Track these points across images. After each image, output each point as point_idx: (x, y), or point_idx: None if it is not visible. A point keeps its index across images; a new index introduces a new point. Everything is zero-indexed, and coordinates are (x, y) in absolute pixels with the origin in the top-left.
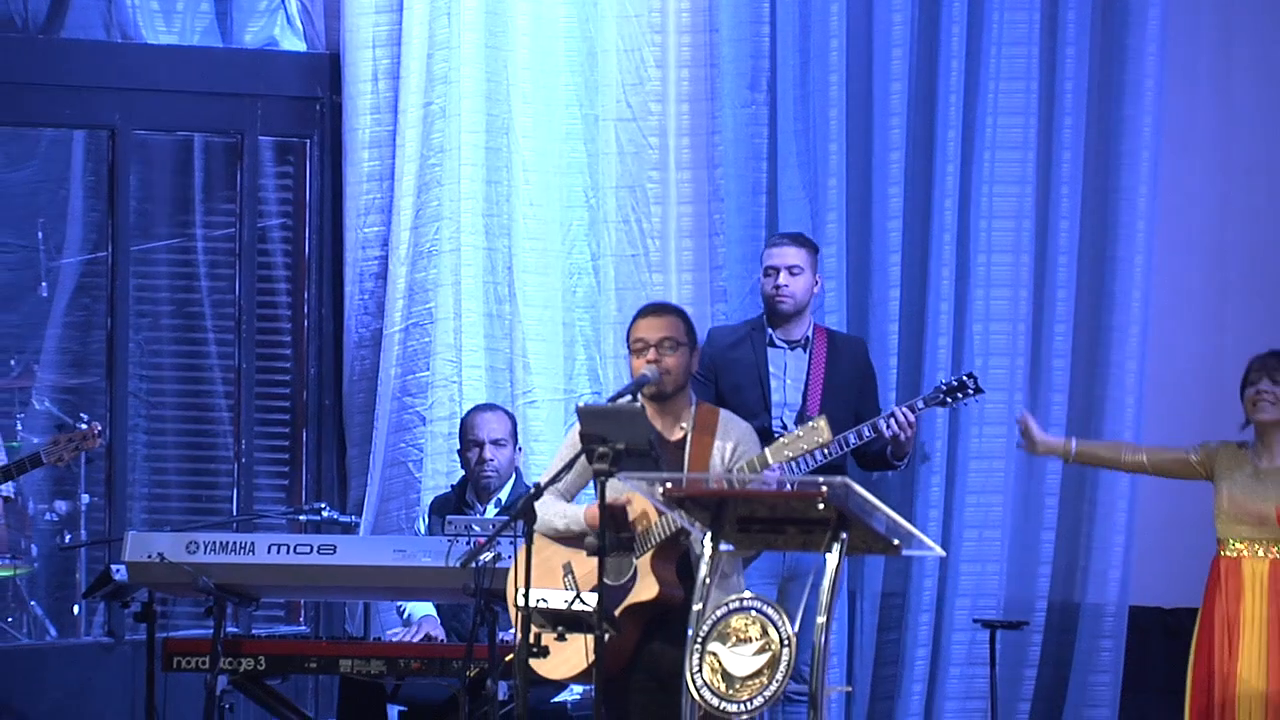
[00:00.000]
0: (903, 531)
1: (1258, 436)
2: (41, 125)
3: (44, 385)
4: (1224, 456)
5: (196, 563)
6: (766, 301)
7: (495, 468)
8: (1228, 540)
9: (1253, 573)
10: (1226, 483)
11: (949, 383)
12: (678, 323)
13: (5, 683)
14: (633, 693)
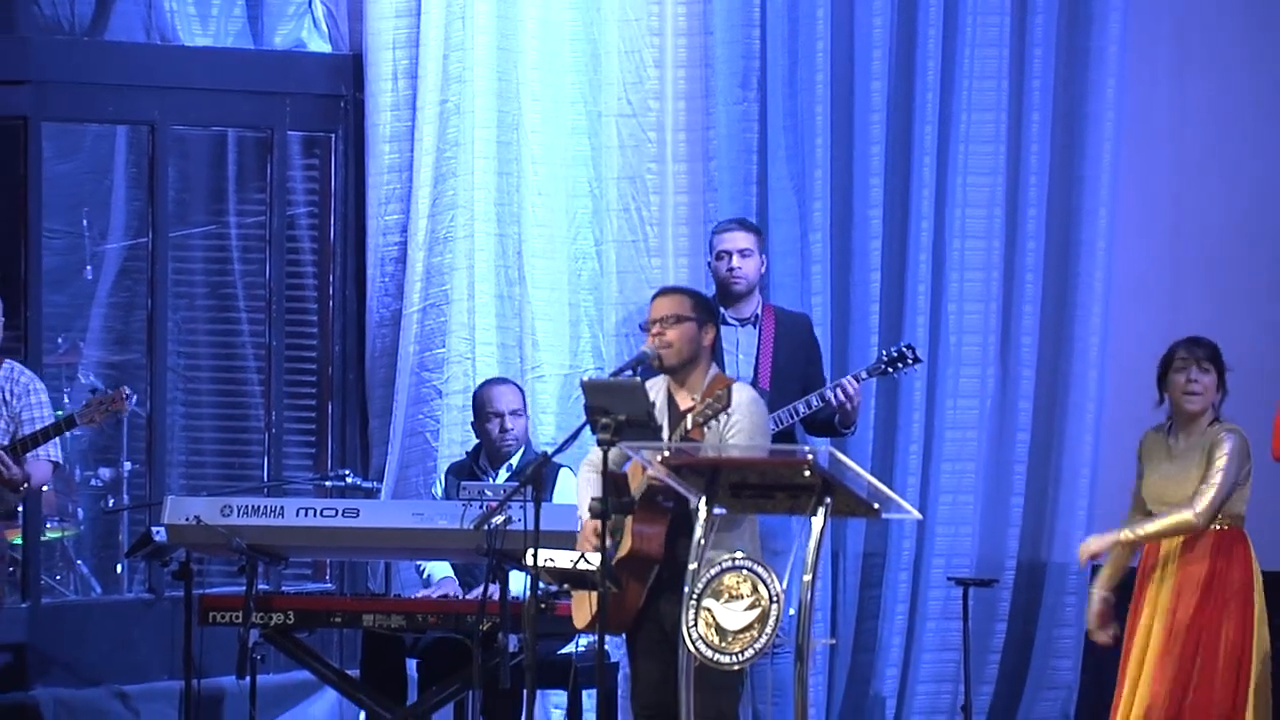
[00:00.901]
0: (882, 496)
1: (1175, 418)
2: (86, 121)
3: (89, 361)
4: (1148, 448)
5: (230, 525)
6: (721, 283)
7: (515, 436)
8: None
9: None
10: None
11: (889, 353)
12: (684, 301)
13: (54, 636)
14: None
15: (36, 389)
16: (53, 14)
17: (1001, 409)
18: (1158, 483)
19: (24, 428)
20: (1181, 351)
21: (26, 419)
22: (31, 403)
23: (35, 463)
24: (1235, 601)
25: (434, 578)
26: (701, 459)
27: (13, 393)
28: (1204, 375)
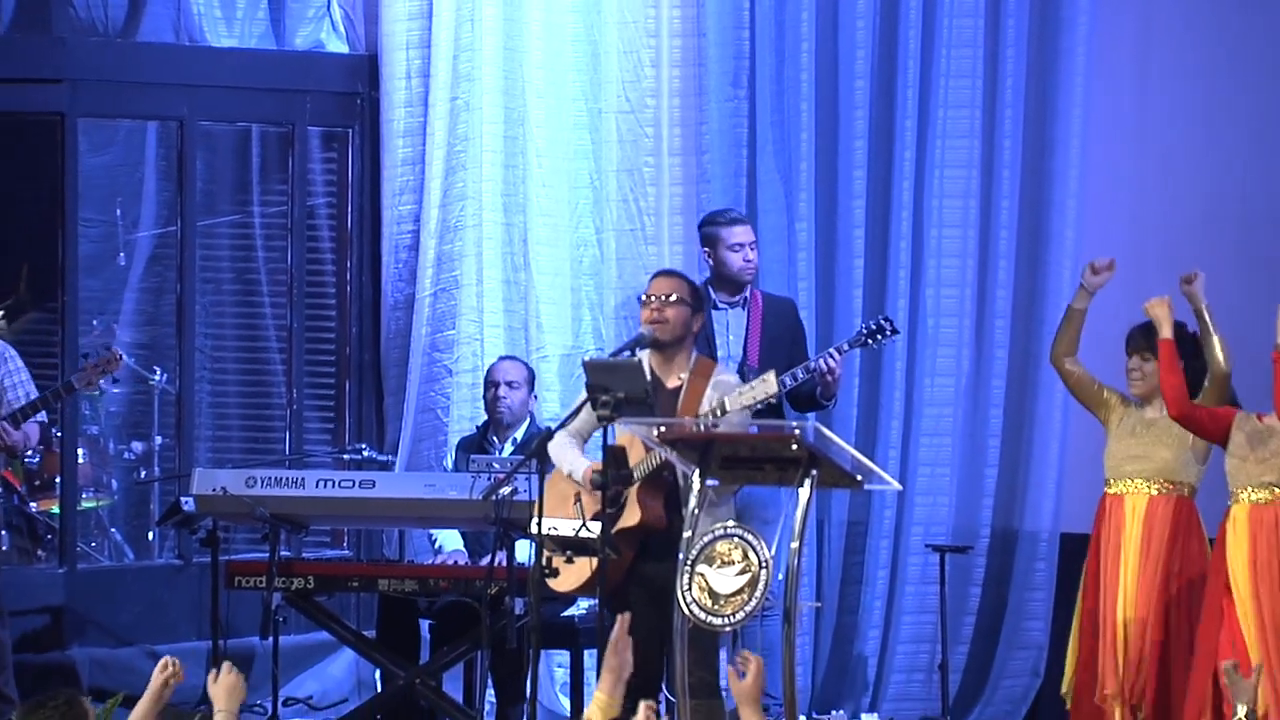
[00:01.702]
0: (865, 468)
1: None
2: (119, 117)
3: (122, 342)
4: (1116, 411)
5: (254, 495)
6: (734, 274)
7: (508, 405)
8: (1111, 480)
9: (1133, 508)
10: (1113, 435)
11: (869, 325)
12: (682, 285)
13: (89, 599)
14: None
15: (12, 355)
16: (87, 16)
17: (976, 387)
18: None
19: (7, 394)
20: (1131, 343)
21: (9, 385)
22: (10, 369)
23: (27, 425)
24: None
25: (444, 547)
26: (695, 434)
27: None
28: (1145, 363)
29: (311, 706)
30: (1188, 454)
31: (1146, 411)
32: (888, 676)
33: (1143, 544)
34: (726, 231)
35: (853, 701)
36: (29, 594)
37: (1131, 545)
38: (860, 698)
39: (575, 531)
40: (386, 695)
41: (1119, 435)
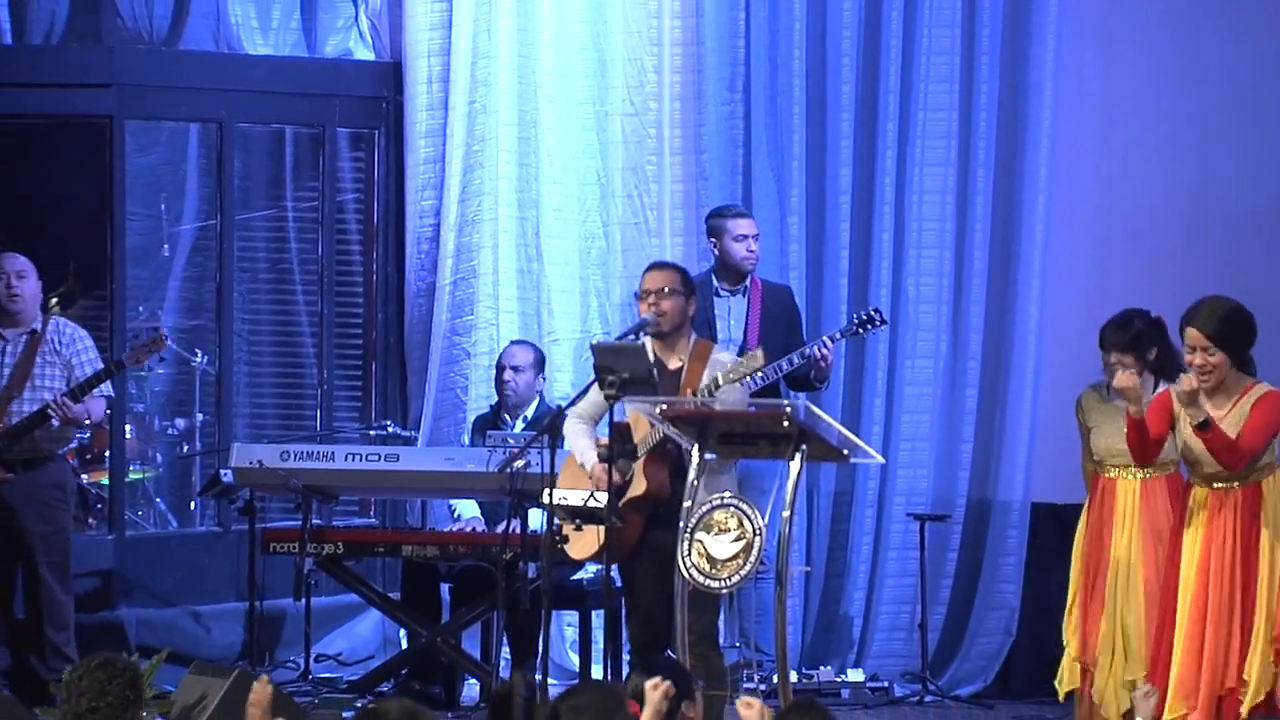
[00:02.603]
0: (851, 443)
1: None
2: (163, 119)
3: (166, 326)
4: (1089, 406)
5: (288, 468)
6: (737, 263)
7: (513, 388)
8: (1105, 463)
9: (1126, 489)
10: (1095, 429)
11: (859, 316)
12: (675, 276)
13: (136, 563)
14: (637, 571)
15: (81, 336)
16: (134, 26)
17: (953, 368)
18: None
19: (75, 371)
20: (1107, 336)
21: (77, 364)
22: (79, 349)
23: (92, 401)
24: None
25: (464, 516)
26: (695, 412)
27: (61, 343)
28: (1122, 357)
29: (341, 662)
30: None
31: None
32: (872, 635)
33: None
34: (732, 224)
35: (839, 658)
36: (81, 559)
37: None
38: (846, 654)
39: (584, 502)
40: (410, 652)
41: (1103, 429)
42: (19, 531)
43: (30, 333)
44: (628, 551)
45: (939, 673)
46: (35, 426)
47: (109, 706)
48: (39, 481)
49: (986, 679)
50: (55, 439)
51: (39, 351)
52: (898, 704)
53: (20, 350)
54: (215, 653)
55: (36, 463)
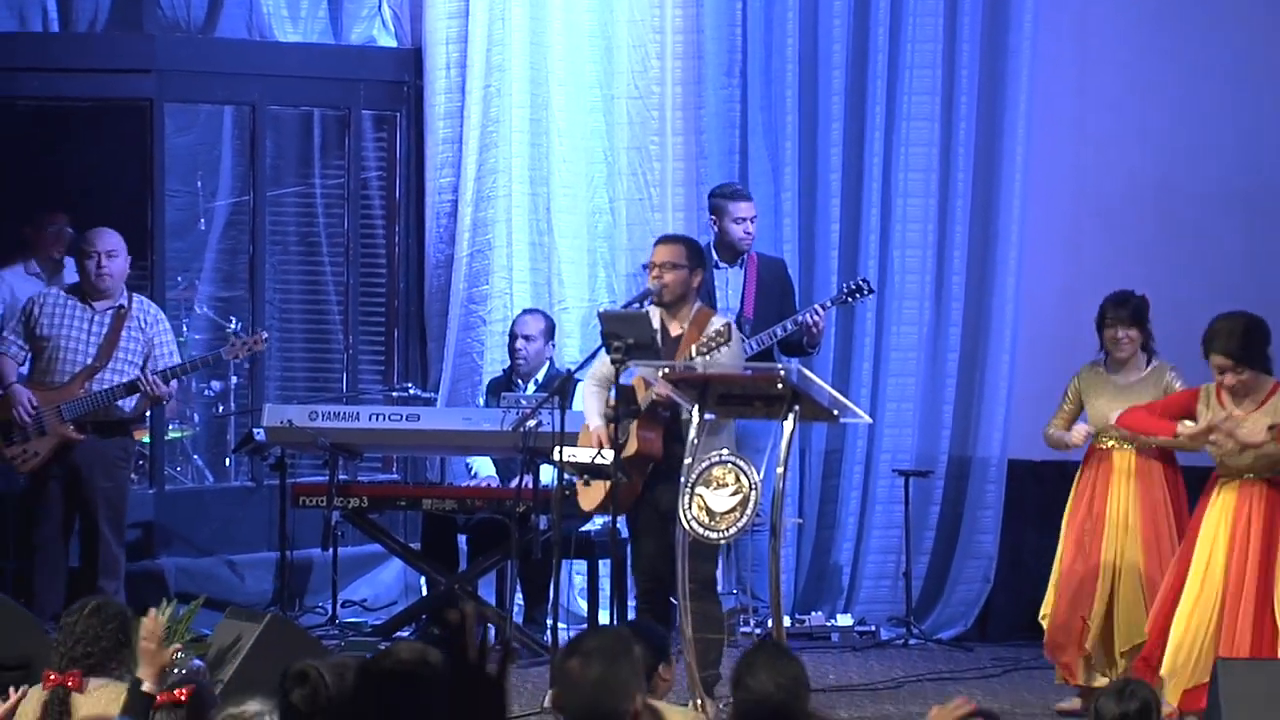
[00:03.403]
0: (840, 404)
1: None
2: (200, 102)
3: (203, 296)
4: (1086, 381)
5: (316, 427)
6: (734, 241)
7: (524, 356)
8: (1101, 434)
9: (1121, 462)
10: (1093, 400)
11: (849, 285)
12: (679, 250)
13: (175, 515)
14: (641, 524)
15: (162, 318)
16: (173, 15)
17: (936, 334)
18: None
19: (155, 349)
20: (1110, 313)
21: (159, 343)
22: (160, 329)
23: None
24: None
25: (480, 474)
26: (696, 375)
27: (146, 321)
28: (1128, 331)
29: (365, 608)
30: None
31: (1119, 378)
32: (859, 582)
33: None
34: (733, 206)
35: (829, 604)
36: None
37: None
38: (836, 600)
39: (591, 459)
40: (430, 598)
41: (1100, 403)
42: (84, 488)
43: (118, 308)
44: (631, 506)
45: (922, 617)
46: (120, 397)
47: (101, 650)
48: (107, 444)
49: (966, 623)
50: (138, 411)
51: (125, 327)
52: (884, 647)
53: (108, 324)
54: (249, 599)
55: (107, 428)
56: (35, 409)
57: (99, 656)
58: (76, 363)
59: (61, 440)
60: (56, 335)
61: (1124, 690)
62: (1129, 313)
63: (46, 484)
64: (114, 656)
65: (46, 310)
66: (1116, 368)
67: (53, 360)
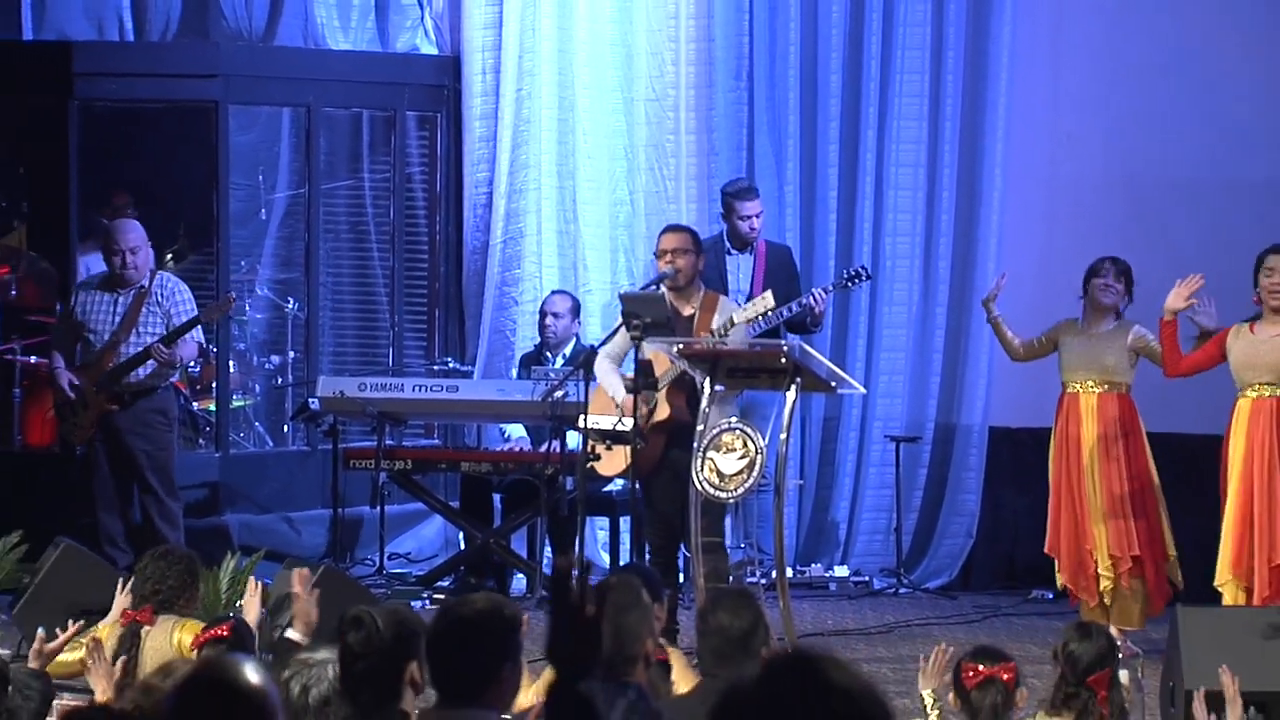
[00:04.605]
0: (837, 377)
1: (1089, 312)
2: (260, 104)
3: (263, 278)
4: (1063, 330)
5: (365, 397)
6: (741, 235)
7: (553, 332)
8: (1069, 383)
9: (1086, 403)
10: (1065, 346)
11: (848, 272)
12: (687, 237)
13: (239, 477)
14: (656, 485)
15: (181, 289)
16: (236, 26)
17: (924, 313)
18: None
19: (173, 320)
20: (1107, 263)
21: (175, 314)
22: (177, 300)
23: (184, 345)
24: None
25: (512, 437)
26: (706, 350)
27: (164, 296)
28: (1117, 283)
29: (409, 560)
30: (1124, 360)
31: (1091, 329)
32: (855, 538)
33: (1101, 435)
34: (740, 205)
35: (827, 557)
36: (193, 473)
37: (1090, 435)
38: (833, 554)
39: (613, 426)
40: (467, 552)
41: (1070, 347)
42: (129, 451)
43: (139, 289)
44: (649, 468)
45: (911, 569)
46: (136, 366)
47: (169, 589)
48: (145, 409)
49: (951, 574)
50: (158, 375)
51: (145, 303)
52: (876, 595)
53: (129, 302)
54: (305, 552)
55: (143, 394)
56: (76, 387)
57: (166, 595)
58: (104, 341)
59: (101, 411)
60: (88, 321)
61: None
62: (1123, 268)
63: (97, 452)
64: (181, 595)
65: (80, 300)
66: (1091, 321)
67: (87, 343)
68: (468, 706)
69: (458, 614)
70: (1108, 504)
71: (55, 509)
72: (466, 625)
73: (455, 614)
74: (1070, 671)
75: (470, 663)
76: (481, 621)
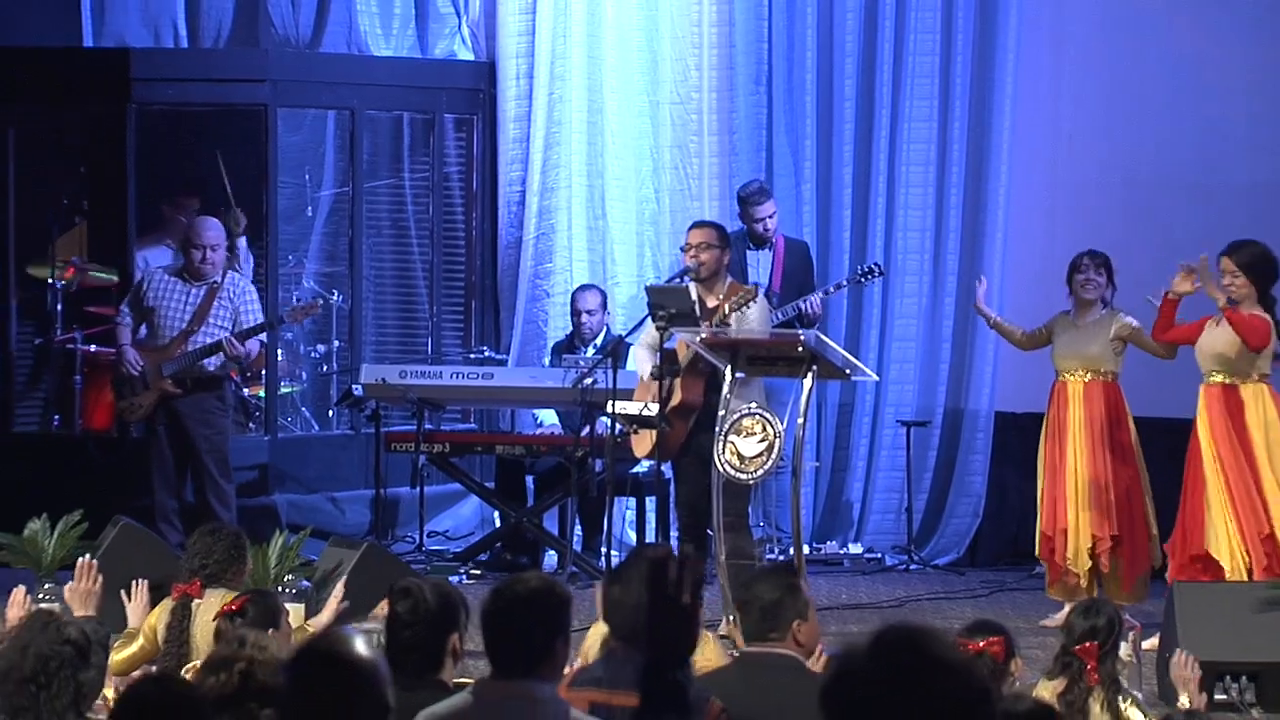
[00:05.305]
0: (851, 364)
1: (1077, 305)
2: (307, 107)
3: (309, 272)
4: (1057, 321)
5: (406, 384)
6: (758, 235)
7: (589, 326)
8: (1060, 371)
9: (1074, 390)
10: (1057, 337)
11: (862, 269)
12: (713, 233)
13: (286, 459)
14: (684, 466)
15: (249, 288)
16: (284, 32)
17: (934, 305)
18: (1065, 344)
19: (241, 316)
20: (1085, 259)
21: (244, 311)
22: (246, 300)
23: (251, 342)
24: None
25: (544, 423)
26: (728, 339)
27: (235, 294)
28: (1097, 275)
29: (447, 537)
30: (1108, 348)
31: (1080, 320)
32: (868, 517)
33: (1086, 420)
34: (755, 209)
35: (842, 535)
36: (243, 455)
37: (1076, 421)
38: (847, 532)
39: (640, 411)
40: (502, 530)
41: (1060, 338)
42: (187, 435)
43: (211, 284)
44: (675, 451)
45: (921, 546)
46: (208, 355)
47: (215, 563)
48: (205, 396)
49: (959, 551)
50: (223, 367)
51: (216, 298)
52: (888, 571)
53: (202, 296)
54: (348, 530)
55: (203, 382)
56: (140, 366)
57: (214, 569)
58: (174, 329)
59: (161, 393)
60: (158, 306)
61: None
62: (1101, 260)
63: (156, 432)
64: (228, 569)
65: (152, 286)
66: (1080, 313)
67: (155, 327)
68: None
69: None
70: (1090, 487)
71: (113, 490)
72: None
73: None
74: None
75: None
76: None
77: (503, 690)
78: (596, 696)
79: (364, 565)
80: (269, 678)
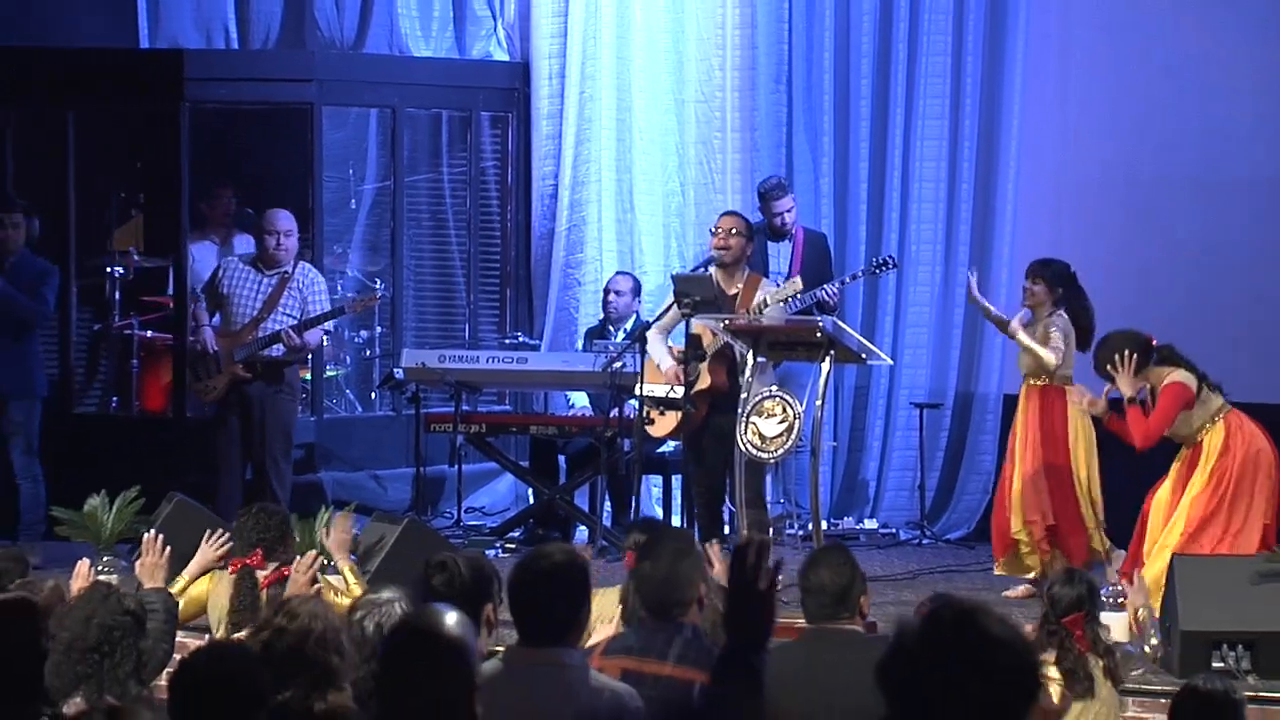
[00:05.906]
0: (867, 349)
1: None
2: (350, 105)
3: (353, 263)
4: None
5: (444, 368)
6: (775, 229)
7: (614, 307)
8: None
9: (1023, 393)
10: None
11: (877, 260)
12: (742, 222)
13: (332, 438)
14: (704, 446)
15: (319, 279)
16: (329, 34)
17: (946, 293)
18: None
19: (308, 306)
20: (1028, 268)
21: (312, 300)
22: (315, 290)
23: (311, 333)
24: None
25: (576, 405)
26: (750, 325)
27: (304, 284)
28: (1034, 286)
29: (484, 513)
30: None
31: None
32: (883, 494)
33: (1025, 421)
34: (774, 203)
35: (858, 511)
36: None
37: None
38: (863, 508)
39: (665, 394)
40: (536, 507)
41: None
42: (254, 418)
43: (283, 273)
44: (696, 432)
45: (933, 522)
46: (268, 345)
47: (271, 539)
48: (273, 381)
49: (969, 527)
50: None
51: (287, 288)
52: (902, 545)
53: (273, 285)
54: (391, 506)
55: (270, 369)
56: (216, 348)
57: (270, 543)
58: (246, 316)
59: (233, 377)
60: (232, 294)
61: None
62: (1034, 269)
63: (225, 414)
64: (279, 544)
65: (228, 274)
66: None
67: (228, 314)
68: (554, 646)
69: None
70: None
71: (168, 468)
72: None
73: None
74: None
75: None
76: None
77: (531, 657)
78: (628, 664)
79: (405, 539)
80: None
